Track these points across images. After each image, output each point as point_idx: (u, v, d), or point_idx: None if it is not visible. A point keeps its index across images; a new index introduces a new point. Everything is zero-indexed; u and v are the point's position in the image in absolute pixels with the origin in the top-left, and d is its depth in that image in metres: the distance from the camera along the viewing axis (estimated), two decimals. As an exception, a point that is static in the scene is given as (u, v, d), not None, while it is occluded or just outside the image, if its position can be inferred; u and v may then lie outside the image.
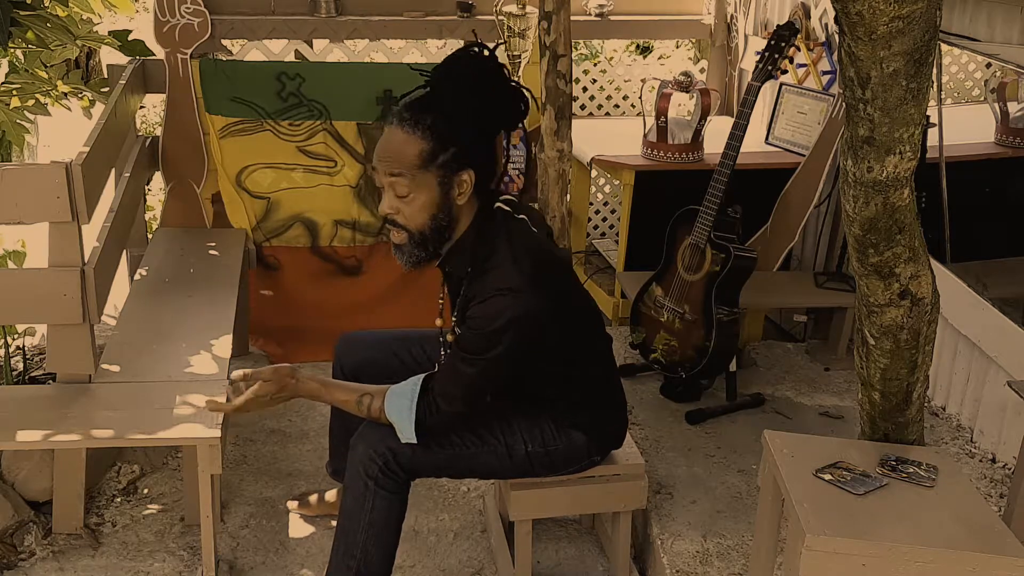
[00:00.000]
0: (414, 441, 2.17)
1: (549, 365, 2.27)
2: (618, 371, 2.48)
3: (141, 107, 5.57)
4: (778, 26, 3.21)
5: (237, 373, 2.22)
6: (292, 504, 2.85)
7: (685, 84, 3.70)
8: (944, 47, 3.36)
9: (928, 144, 3.19)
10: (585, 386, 2.34)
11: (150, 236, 3.86)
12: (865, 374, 2.15)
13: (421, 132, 2.01)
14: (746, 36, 4.30)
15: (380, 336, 2.59)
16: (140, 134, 3.79)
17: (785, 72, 3.27)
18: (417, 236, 2.08)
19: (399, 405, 2.17)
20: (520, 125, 2.16)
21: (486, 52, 2.08)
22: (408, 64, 2.38)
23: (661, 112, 3.68)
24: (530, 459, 2.30)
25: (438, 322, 2.36)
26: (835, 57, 3.53)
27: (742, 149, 3.16)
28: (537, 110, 2.00)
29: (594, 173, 4.38)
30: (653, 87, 3.86)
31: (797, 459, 2.07)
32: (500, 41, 3.22)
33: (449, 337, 2.26)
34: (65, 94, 3.49)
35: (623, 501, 2.45)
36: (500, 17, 3.68)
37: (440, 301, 2.34)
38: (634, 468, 2.44)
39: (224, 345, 2.79)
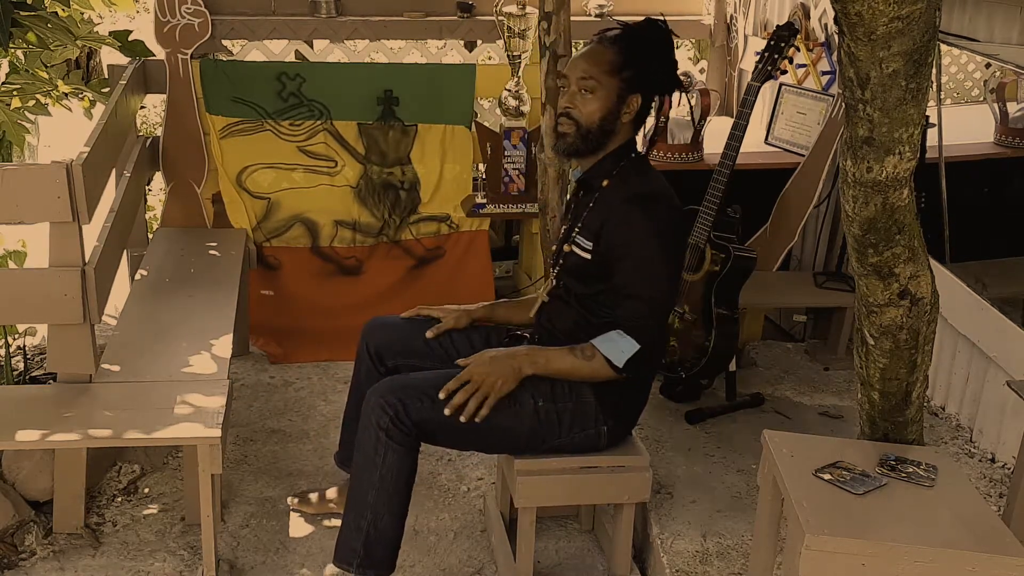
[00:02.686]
0: (636, 347, 2.25)
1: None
2: (661, 356, 2.53)
3: (142, 107, 5.58)
4: (778, 26, 3.22)
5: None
6: (292, 501, 2.85)
7: (685, 84, 3.70)
8: (944, 47, 3.36)
9: (928, 144, 3.20)
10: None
11: (151, 236, 3.86)
12: (864, 374, 2.15)
13: (617, 48, 2.34)
14: (746, 36, 4.31)
15: (406, 319, 2.65)
16: (140, 134, 3.79)
17: (785, 72, 3.27)
18: (584, 130, 2.34)
19: (609, 338, 2.28)
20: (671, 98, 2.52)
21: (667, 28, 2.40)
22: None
23: (661, 112, 3.68)
24: (538, 415, 2.32)
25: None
26: (835, 57, 3.53)
27: (742, 149, 3.16)
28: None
29: (594, 173, 4.37)
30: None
31: (797, 459, 2.07)
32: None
33: (567, 248, 2.41)
34: (66, 94, 3.50)
35: (627, 493, 2.46)
36: (500, 17, 3.68)
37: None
38: (639, 459, 2.44)
39: (224, 345, 2.79)
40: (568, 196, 2.64)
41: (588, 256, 2.34)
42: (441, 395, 2.27)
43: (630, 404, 2.44)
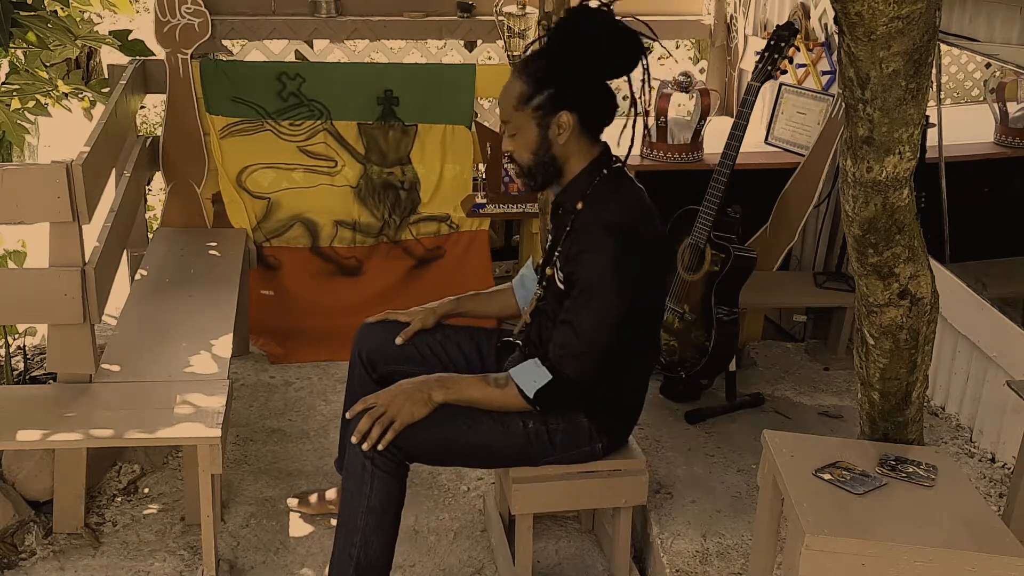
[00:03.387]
0: (548, 377, 2.19)
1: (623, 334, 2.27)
2: (650, 373, 2.48)
3: (141, 107, 5.58)
4: (778, 26, 3.21)
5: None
6: (292, 502, 2.85)
7: (685, 84, 3.70)
8: (944, 47, 3.36)
9: (928, 144, 3.20)
10: (611, 369, 2.31)
11: (151, 236, 3.86)
12: (864, 374, 2.15)
13: (524, 77, 2.22)
14: (746, 36, 4.31)
15: (399, 325, 2.61)
16: (140, 134, 3.79)
17: (785, 72, 3.27)
18: (525, 169, 2.29)
19: (526, 367, 2.24)
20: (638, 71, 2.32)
21: (601, 5, 2.24)
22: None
23: (661, 112, 3.68)
24: (528, 436, 2.29)
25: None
26: (835, 57, 3.54)
27: (742, 149, 3.16)
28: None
29: (594, 173, 4.37)
30: (653, 87, 3.85)
31: (796, 459, 2.07)
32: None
33: (548, 271, 2.36)
34: (66, 94, 3.49)
35: (624, 496, 2.45)
36: (500, 17, 3.68)
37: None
38: (635, 463, 2.44)
39: (224, 345, 2.79)
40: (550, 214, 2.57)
41: (562, 286, 2.27)
42: (348, 415, 2.25)
43: (624, 421, 2.43)
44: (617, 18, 2.23)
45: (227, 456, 3.00)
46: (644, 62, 2.29)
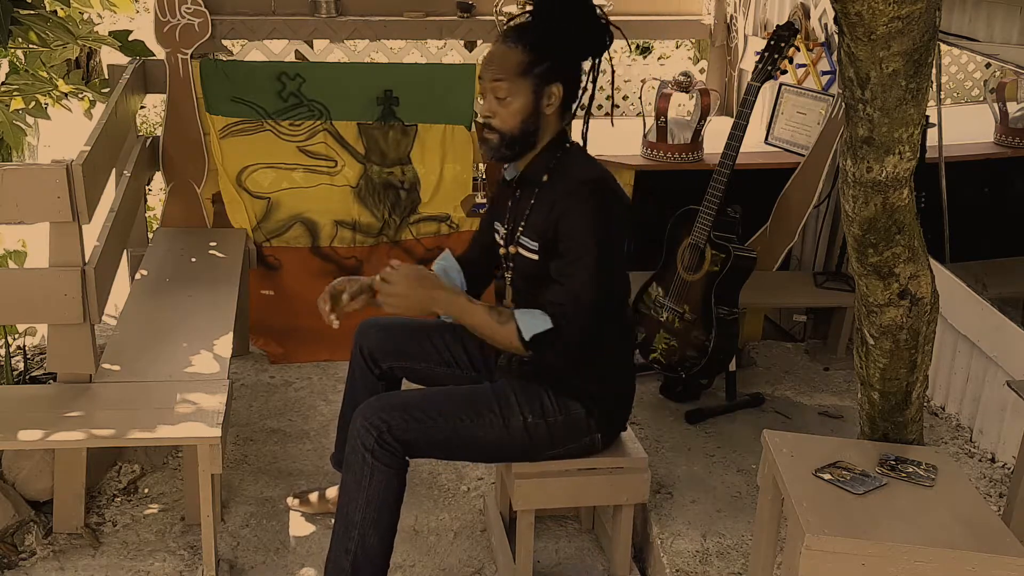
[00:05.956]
0: (549, 326, 2.17)
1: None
2: (632, 351, 2.48)
3: (141, 107, 5.58)
4: (778, 26, 3.22)
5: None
6: (292, 501, 2.85)
7: (685, 84, 3.70)
8: (944, 47, 3.36)
9: (928, 144, 3.20)
10: (592, 354, 2.31)
11: (151, 236, 3.86)
12: (864, 374, 2.15)
13: (522, 46, 2.25)
14: (746, 36, 4.31)
15: (400, 321, 2.62)
16: (140, 134, 3.79)
17: (785, 72, 3.27)
18: (507, 137, 2.28)
19: (530, 312, 2.22)
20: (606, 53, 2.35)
21: None
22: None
23: (661, 112, 3.68)
24: (528, 431, 2.30)
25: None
26: (835, 57, 3.53)
27: (742, 149, 3.16)
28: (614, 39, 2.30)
29: (594, 173, 4.37)
30: (653, 87, 3.86)
31: (796, 459, 2.07)
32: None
33: (512, 249, 2.36)
34: (66, 95, 3.49)
35: (625, 494, 2.46)
36: (500, 17, 3.68)
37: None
38: (637, 461, 2.44)
39: (224, 345, 2.79)
40: (493, 193, 2.52)
41: (536, 257, 2.29)
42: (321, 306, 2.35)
43: (620, 408, 2.44)
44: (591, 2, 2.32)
45: (227, 456, 3.00)
46: (608, 51, 2.35)
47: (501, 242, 2.43)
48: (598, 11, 2.31)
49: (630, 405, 2.46)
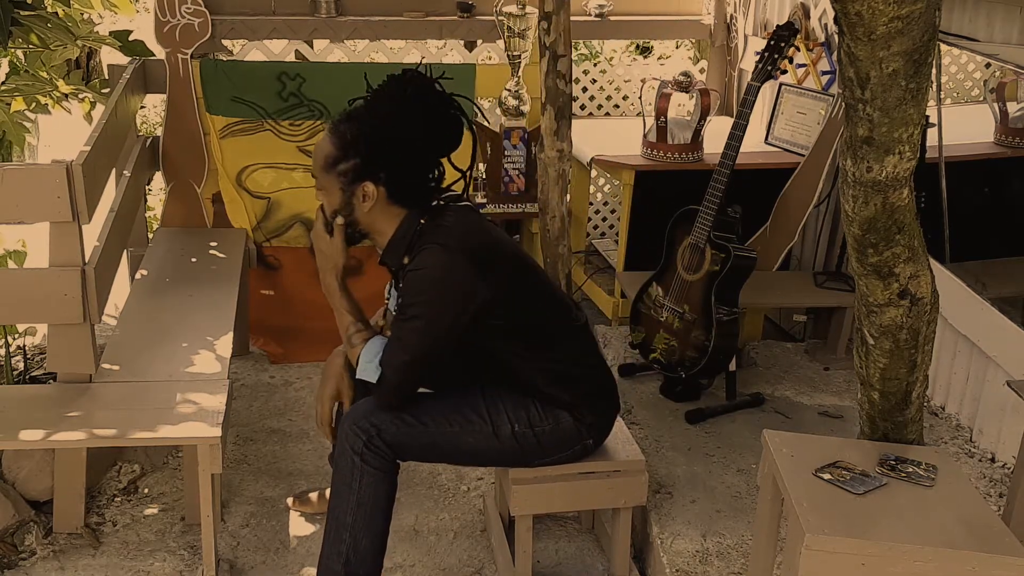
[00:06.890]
0: (373, 380, 2.22)
1: (513, 345, 2.28)
2: (601, 356, 2.48)
3: (141, 107, 5.56)
4: (778, 26, 3.22)
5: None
6: (292, 501, 2.86)
7: (685, 84, 3.70)
8: (944, 47, 3.36)
9: (928, 144, 3.20)
10: (564, 368, 2.32)
11: (151, 236, 3.86)
12: (864, 374, 2.15)
13: (333, 139, 2.16)
14: (746, 36, 4.31)
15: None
16: (140, 134, 3.79)
17: (785, 72, 3.27)
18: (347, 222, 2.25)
19: (374, 352, 2.24)
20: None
21: (431, 76, 2.17)
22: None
23: (661, 112, 3.68)
24: (517, 440, 2.30)
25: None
26: (835, 57, 3.53)
27: (742, 149, 3.16)
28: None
29: (594, 173, 4.38)
30: (653, 87, 3.86)
31: (796, 458, 2.07)
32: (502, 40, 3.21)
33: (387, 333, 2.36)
34: (66, 95, 3.49)
35: (623, 497, 2.46)
36: (500, 17, 3.68)
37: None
38: (635, 464, 2.44)
39: (224, 344, 2.80)
40: None
41: None
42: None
43: (606, 413, 2.43)
44: (445, 93, 2.18)
45: (227, 456, 3.00)
46: (472, 146, 2.27)
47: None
48: (449, 102, 2.19)
49: (615, 399, 2.46)
